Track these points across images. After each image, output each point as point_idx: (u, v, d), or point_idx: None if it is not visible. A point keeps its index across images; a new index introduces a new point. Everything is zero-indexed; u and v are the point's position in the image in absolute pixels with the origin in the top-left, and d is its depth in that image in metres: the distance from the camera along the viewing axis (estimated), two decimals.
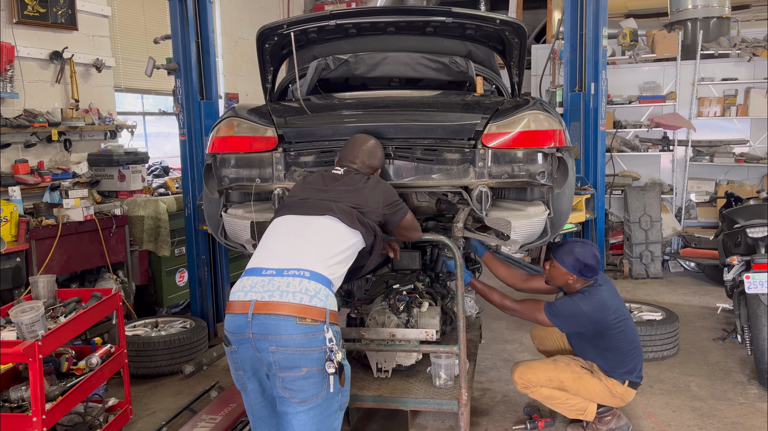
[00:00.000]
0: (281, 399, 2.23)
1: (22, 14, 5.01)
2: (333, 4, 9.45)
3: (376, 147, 2.87)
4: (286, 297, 2.18)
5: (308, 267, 2.27)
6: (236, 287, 2.32)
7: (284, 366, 2.17)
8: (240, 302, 2.24)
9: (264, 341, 2.17)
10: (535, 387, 3.29)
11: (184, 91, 4.78)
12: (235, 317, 2.24)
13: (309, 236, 2.42)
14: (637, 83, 7.70)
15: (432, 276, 3.59)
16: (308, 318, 2.17)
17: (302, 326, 2.16)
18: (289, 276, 2.23)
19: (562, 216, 3.25)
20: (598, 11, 4.87)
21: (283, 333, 2.14)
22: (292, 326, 2.15)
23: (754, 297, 3.97)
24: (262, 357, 2.21)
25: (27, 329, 2.78)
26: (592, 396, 3.29)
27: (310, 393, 2.19)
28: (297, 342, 2.15)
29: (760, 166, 7.29)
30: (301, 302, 2.19)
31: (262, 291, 2.21)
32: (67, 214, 4.68)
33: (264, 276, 2.26)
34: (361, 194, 2.58)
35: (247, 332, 2.18)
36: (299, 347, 2.16)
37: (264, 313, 2.16)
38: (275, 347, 2.16)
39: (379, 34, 3.97)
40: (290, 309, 2.16)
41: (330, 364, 2.18)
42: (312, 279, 2.24)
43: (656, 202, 6.90)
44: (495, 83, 4.17)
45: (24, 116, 4.95)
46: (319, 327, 2.20)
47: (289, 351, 2.15)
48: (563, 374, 3.27)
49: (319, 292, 2.24)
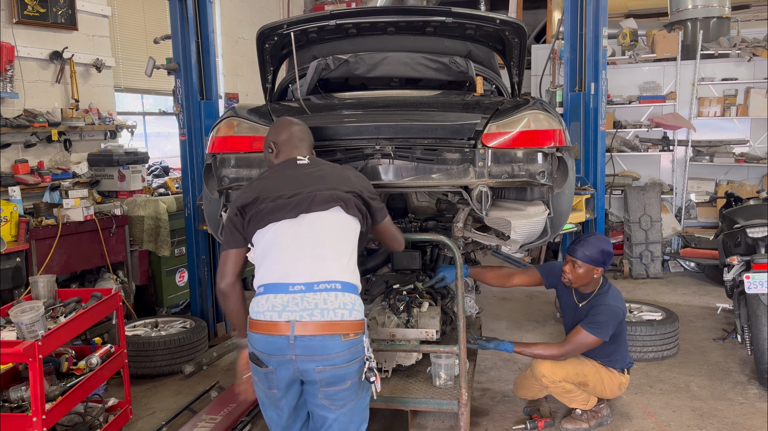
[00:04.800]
0: (321, 406, 2.24)
1: (22, 14, 5.01)
2: (333, 4, 9.45)
3: (301, 124, 2.73)
4: (328, 316, 2.14)
5: (337, 278, 2.22)
6: (262, 305, 2.21)
7: (330, 382, 2.17)
8: (275, 323, 2.16)
9: (309, 362, 2.13)
10: (561, 382, 3.37)
11: (184, 91, 4.78)
12: (272, 338, 2.16)
13: (322, 239, 2.31)
14: (637, 83, 7.70)
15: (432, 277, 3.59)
16: (351, 334, 2.17)
17: (347, 342, 2.16)
18: (322, 292, 2.17)
19: (562, 216, 3.26)
20: (598, 11, 4.87)
21: (330, 353, 2.12)
22: (339, 344, 2.14)
23: (754, 297, 3.97)
24: (306, 376, 2.18)
25: (27, 329, 2.78)
26: (605, 388, 3.44)
27: (349, 400, 2.24)
28: (343, 358, 2.15)
29: (760, 166, 7.29)
30: (343, 318, 2.16)
31: (299, 311, 2.14)
32: (67, 214, 4.68)
33: (294, 293, 2.18)
34: (346, 177, 2.48)
35: (290, 354, 2.13)
36: (345, 363, 2.16)
37: (308, 335, 2.11)
38: (322, 367, 2.14)
39: (379, 34, 3.97)
40: (335, 328, 2.14)
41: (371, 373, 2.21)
42: (345, 291, 2.20)
43: (656, 202, 6.90)
44: (495, 83, 4.17)
45: (24, 116, 4.95)
46: (360, 339, 2.21)
47: (336, 369, 2.15)
48: (586, 368, 3.40)
49: (355, 304, 2.22)
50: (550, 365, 3.36)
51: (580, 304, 3.47)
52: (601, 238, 3.41)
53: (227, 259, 2.38)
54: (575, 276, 3.35)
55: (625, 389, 3.57)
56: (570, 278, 3.37)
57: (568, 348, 3.32)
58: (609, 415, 3.55)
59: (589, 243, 3.33)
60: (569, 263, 3.36)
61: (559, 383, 3.37)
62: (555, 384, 3.37)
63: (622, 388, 3.52)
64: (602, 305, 3.33)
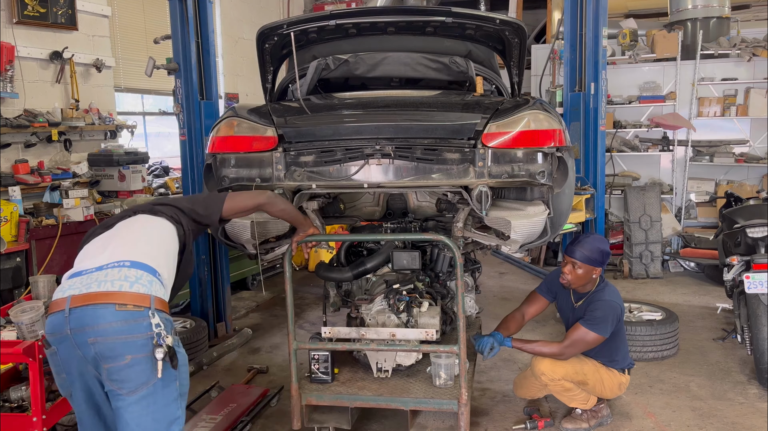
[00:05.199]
0: (111, 394, 2.12)
1: (22, 14, 5.01)
2: (333, 4, 9.46)
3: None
4: (104, 287, 2.09)
5: (128, 258, 2.21)
6: (55, 292, 2.21)
7: (107, 356, 2.06)
8: (55, 301, 2.14)
9: (82, 334, 2.06)
10: (561, 380, 3.36)
11: (184, 91, 4.78)
12: (52, 317, 2.13)
13: (122, 235, 2.38)
14: (637, 83, 7.70)
15: (432, 276, 3.59)
16: (129, 305, 2.08)
17: (122, 312, 2.07)
18: (108, 269, 2.16)
19: (562, 216, 3.26)
20: (598, 11, 4.87)
21: (101, 322, 2.05)
22: (111, 313, 2.06)
23: (754, 297, 3.97)
24: (84, 353, 2.09)
25: (27, 329, 2.78)
26: (605, 387, 3.44)
27: (138, 382, 2.08)
28: (117, 329, 2.05)
29: (760, 166, 7.30)
30: (120, 289, 2.10)
31: (80, 287, 2.13)
32: (67, 214, 4.68)
33: (83, 275, 2.18)
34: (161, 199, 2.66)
35: (65, 329, 2.07)
36: (120, 335, 2.06)
37: (80, 305, 2.07)
38: (94, 338, 2.05)
39: (379, 34, 3.97)
40: (108, 298, 2.07)
41: (159, 349, 2.07)
42: (133, 267, 2.17)
43: (656, 202, 6.90)
44: (495, 83, 4.17)
45: (24, 116, 4.95)
46: (143, 313, 2.10)
47: (109, 341, 2.05)
48: (586, 367, 3.39)
49: (140, 279, 2.16)
50: (549, 363, 3.36)
51: (577, 304, 3.47)
52: (599, 238, 3.43)
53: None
54: (575, 277, 3.36)
55: (626, 389, 3.57)
56: (569, 279, 3.38)
57: (567, 346, 3.32)
58: (609, 415, 3.55)
59: (588, 243, 3.35)
60: (569, 264, 3.37)
61: (558, 381, 3.37)
62: (554, 382, 3.37)
63: (622, 388, 3.51)
64: (599, 301, 3.35)
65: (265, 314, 5.75)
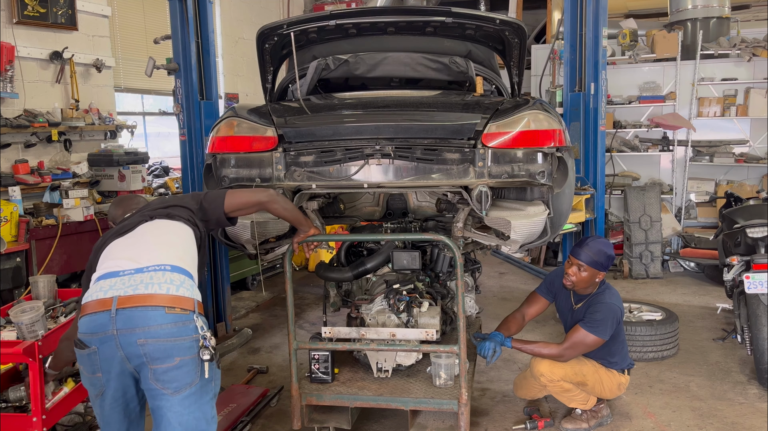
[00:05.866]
0: (154, 393, 2.15)
1: (22, 14, 5.01)
2: (333, 4, 9.46)
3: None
4: (152, 289, 2.12)
5: (167, 262, 2.23)
6: (91, 291, 2.20)
7: (155, 357, 2.09)
8: (98, 300, 2.13)
9: (130, 335, 2.08)
10: (560, 381, 3.36)
11: (184, 91, 4.78)
12: (94, 316, 2.12)
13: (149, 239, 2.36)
14: (637, 83, 7.70)
15: (432, 276, 3.59)
16: (177, 308, 2.12)
17: (171, 315, 2.10)
18: (151, 271, 2.17)
19: (562, 216, 3.26)
20: (598, 11, 4.87)
21: (152, 324, 2.07)
22: (161, 316, 2.09)
23: (754, 297, 3.97)
24: (129, 352, 2.11)
25: (27, 329, 2.78)
26: (604, 388, 3.44)
27: (184, 382, 2.13)
28: (167, 331, 2.09)
29: (760, 166, 7.30)
30: (169, 292, 2.13)
31: (124, 287, 2.13)
32: (67, 214, 4.69)
33: (123, 276, 2.17)
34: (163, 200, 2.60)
35: (111, 329, 2.08)
36: (170, 337, 2.09)
37: (129, 307, 2.08)
38: (144, 339, 2.08)
39: (379, 34, 3.97)
40: (159, 300, 2.10)
41: (205, 351, 2.13)
42: (174, 272, 2.20)
43: (656, 202, 6.90)
44: (495, 83, 4.17)
45: (24, 116, 4.95)
46: (189, 316, 2.15)
47: (159, 342, 2.09)
48: (585, 368, 3.39)
49: (184, 283, 2.20)
50: (548, 364, 3.36)
51: (576, 306, 3.47)
52: (606, 242, 3.42)
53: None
54: (579, 279, 3.36)
55: (625, 389, 3.57)
56: (574, 281, 3.37)
57: (567, 348, 3.32)
58: (609, 415, 3.55)
59: (595, 247, 3.34)
60: (574, 266, 3.36)
61: (557, 382, 3.37)
62: (553, 383, 3.37)
63: (621, 389, 3.52)
64: (599, 303, 3.34)
65: (265, 314, 5.75)
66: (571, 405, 3.50)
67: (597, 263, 3.32)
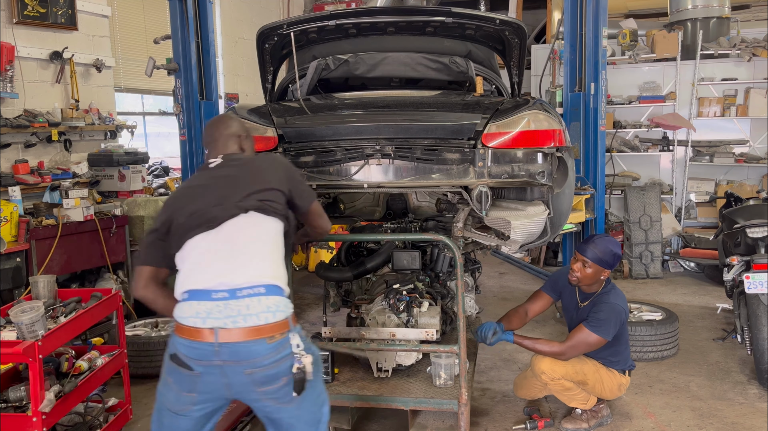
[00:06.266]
0: (270, 409, 2.22)
1: (22, 14, 5.01)
2: (333, 4, 9.46)
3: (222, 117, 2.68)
4: (252, 321, 2.13)
5: (260, 282, 2.20)
6: (186, 311, 2.19)
7: (263, 382, 2.15)
8: (199, 330, 2.14)
9: (236, 366, 2.13)
10: (561, 379, 3.36)
11: (184, 91, 4.78)
12: (197, 344, 2.14)
13: (241, 245, 2.28)
14: (637, 83, 7.70)
15: (432, 276, 3.59)
16: (277, 335, 2.16)
17: (273, 344, 2.15)
18: (245, 298, 2.16)
19: (562, 216, 3.26)
20: (598, 11, 4.88)
21: (256, 357, 2.12)
22: (265, 348, 2.13)
23: (754, 297, 3.97)
24: (235, 380, 2.16)
25: (27, 329, 2.78)
26: (604, 388, 3.43)
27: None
28: (270, 359, 2.14)
29: (760, 166, 7.30)
30: (267, 322, 2.15)
31: (222, 318, 2.13)
32: (67, 214, 4.68)
33: (217, 301, 2.16)
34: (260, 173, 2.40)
35: (215, 360, 2.12)
36: (274, 363, 2.15)
37: (233, 341, 2.11)
38: (251, 370, 2.13)
39: (379, 34, 3.97)
40: (260, 333, 2.13)
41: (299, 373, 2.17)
42: (269, 294, 2.19)
43: (656, 202, 6.90)
44: (495, 83, 4.17)
45: (24, 116, 4.95)
46: (286, 338, 2.18)
47: (266, 370, 2.14)
48: (585, 367, 3.38)
49: (279, 305, 2.20)
50: (549, 362, 3.36)
51: (582, 304, 3.47)
52: (612, 241, 3.40)
53: (141, 274, 2.34)
54: (583, 275, 3.35)
55: (626, 390, 3.56)
56: (578, 276, 3.36)
57: (570, 346, 3.31)
58: (609, 415, 3.55)
59: (601, 244, 3.33)
60: (579, 262, 3.35)
61: (558, 380, 3.37)
62: (554, 381, 3.37)
63: (622, 389, 3.51)
64: (604, 303, 3.34)
65: None
66: (572, 405, 3.50)
67: (602, 261, 3.31)
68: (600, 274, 3.36)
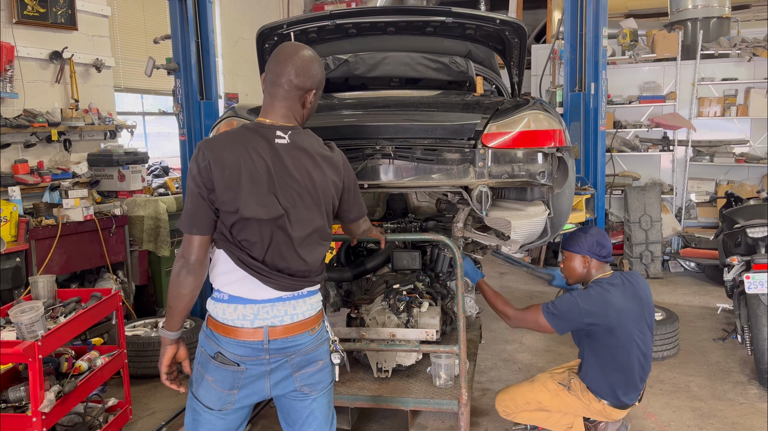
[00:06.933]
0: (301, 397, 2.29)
1: (22, 14, 5.00)
2: (333, 4, 9.46)
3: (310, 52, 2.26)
4: (297, 319, 2.24)
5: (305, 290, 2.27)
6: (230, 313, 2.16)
7: (302, 365, 2.25)
8: (247, 330, 2.17)
9: (281, 357, 2.22)
10: (516, 412, 3.23)
11: (184, 91, 4.77)
12: (245, 343, 2.17)
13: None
14: (637, 83, 7.70)
15: (432, 276, 3.59)
16: (316, 325, 2.29)
17: (315, 334, 2.28)
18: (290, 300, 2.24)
19: (562, 216, 3.25)
20: (598, 11, 4.86)
21: (301, 346, 2.24)
22: (309, 339, 2.25)
23: (754, 297, 3.97)
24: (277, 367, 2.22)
25: (27, 329, 2.78)
26: (575, 412, 3.16)
27: (327, 382, 2.32)
28: (311, 345, 2.27)
29: (760, 166, 7.30)
30: (310, 317, 2.27)
31: (269, 318, 2.19)
32: (66, 214, 4.68)
33: (264, 303, 2.19)
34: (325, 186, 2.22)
35: (263, 355, 2.20)
36: (313, 346, 2.27)
37: (281, 338, 2.21)
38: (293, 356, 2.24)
39: (379, 34, 3.97)
40: (304, 327, 2.25)
41: (336, 355, 2.31)
42: (309, 296, 2.30)
43: (656, 202, 6.90)
44: (495, 83, 4.17)
45: (24, 116, 4.95)
46: (323, 325, 2.33)
47: (306, 353, 2.25)
48: (540, 395, 3.16)
49: (318, 301, 2.33)
50: (502, 400, 3.24)
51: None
52: (587, 228, 3.24)
53: (191, 244, 2.12)
54: (566, 268, 3.24)
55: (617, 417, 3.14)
56: (565, 273, 3.33)
57: (518, 316, 3.14)
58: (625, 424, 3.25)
59: (582, 235, 3.18)
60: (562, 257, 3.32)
61: (519, 413, 3.22)
62: (516, 414, 3.23)
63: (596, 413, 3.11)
64: (570, 296, 3.03)
65: None
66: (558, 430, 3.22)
67: (571, 246, 3.16)
68: (580, 263, 3.13)
